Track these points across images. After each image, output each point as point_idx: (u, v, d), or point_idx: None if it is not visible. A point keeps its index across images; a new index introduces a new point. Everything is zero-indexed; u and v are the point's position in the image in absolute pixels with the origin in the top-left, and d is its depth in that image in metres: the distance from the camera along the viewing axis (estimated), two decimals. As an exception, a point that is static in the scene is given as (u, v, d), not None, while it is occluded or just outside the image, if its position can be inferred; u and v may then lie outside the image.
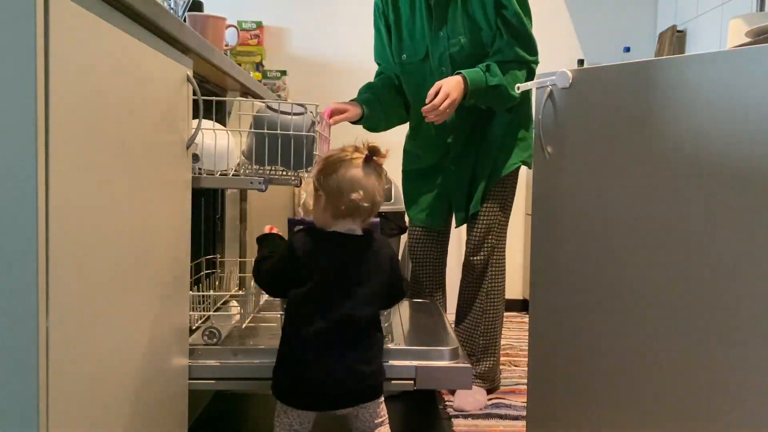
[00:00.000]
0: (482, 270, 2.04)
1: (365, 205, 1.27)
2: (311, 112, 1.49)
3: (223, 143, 1.43)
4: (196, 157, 1.36)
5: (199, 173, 1.38)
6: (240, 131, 1.51)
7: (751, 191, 0.98)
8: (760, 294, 0.97)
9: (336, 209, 1.28)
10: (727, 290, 1.02)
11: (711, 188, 1.04)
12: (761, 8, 2.30)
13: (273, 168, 1.51)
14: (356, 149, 1.30)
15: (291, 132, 1.43)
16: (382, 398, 1.34)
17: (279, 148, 1.43)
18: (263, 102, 1.50)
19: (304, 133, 1.44)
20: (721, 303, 1.02)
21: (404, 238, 2.56)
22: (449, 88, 1.78)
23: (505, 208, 2.06)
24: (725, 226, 1.02)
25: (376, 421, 1.33)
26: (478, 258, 2.03)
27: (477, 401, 1.99)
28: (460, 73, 1.82)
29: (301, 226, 1.36)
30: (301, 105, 1.47)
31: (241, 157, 1.53)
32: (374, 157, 1.29)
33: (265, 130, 1.43)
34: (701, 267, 1.05)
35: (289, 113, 1.44)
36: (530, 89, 1.71)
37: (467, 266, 2.07)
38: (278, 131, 1.42)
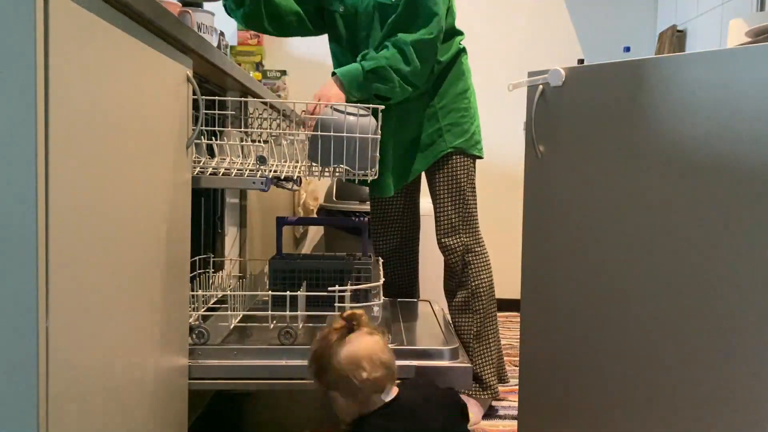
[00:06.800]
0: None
1: (378, 374, 1.16)
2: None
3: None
4: (263, 159, 1.38)
5: (201, 173, 1.38)
6: (300, 134, 1.58)
7: (748, 191, 0.98)
8: (756, 294, 0.97)
9: (357, 398, 1.16)
10: (721, 290, 1.01)
11: (706, 188, 1.04)
12: (761, 8, 2.30)
13: (335, 168, 1.55)
14: (332, 329, 1.19)
15: (357, 135, 1.47)
16: None
17: (345, 150, 1.46)
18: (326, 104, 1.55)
19: (370, 136, 1.48)
20: (715, 303, 1.02)
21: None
22: (319, 91, 1.66)
23: None
24: (721, 225, 1.02)
25: None
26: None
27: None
28: (334, 72, 1.71)
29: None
30: (367, 107, 1.51)
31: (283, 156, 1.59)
32: (354, 323, 1.19)
33: (332, 133, 1.47)
34: (695, 266, 1.05)
35: (355, 115, 1.48)
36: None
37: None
38: (344, 133, 1.46)
